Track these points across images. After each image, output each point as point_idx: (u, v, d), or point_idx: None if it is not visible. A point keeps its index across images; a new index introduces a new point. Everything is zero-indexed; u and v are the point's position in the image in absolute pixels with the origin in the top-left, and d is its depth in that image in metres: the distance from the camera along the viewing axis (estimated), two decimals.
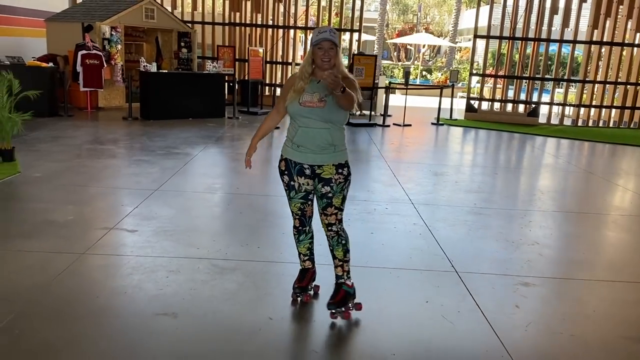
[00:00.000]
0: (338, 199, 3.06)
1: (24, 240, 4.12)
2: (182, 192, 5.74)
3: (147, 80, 10.39)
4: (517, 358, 2.82)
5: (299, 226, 3.24)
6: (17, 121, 6.35)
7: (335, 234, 3.12)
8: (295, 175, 3.06)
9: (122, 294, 3.30)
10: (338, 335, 3.04)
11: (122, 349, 2.73)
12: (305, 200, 3.13)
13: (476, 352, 2.91)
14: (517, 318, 3.31)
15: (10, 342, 2.73)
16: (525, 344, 3.02)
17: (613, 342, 3.10)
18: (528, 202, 6.21)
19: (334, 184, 3.01)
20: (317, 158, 2.98)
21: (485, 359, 2.84)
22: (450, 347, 2.94)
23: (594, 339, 3.12)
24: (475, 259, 4.26)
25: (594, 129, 12.96)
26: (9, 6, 11.68)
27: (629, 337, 3.16)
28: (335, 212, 3.08)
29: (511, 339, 3.01)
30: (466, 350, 2.93)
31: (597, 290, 3.84)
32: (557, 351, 2.96)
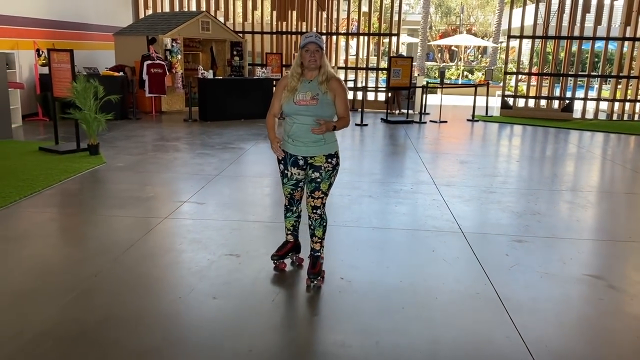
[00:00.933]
0: (325, 184, 3.47)
1: (118, 209, 5.28)
2: (238, 176, 6.82)
3: (205, 86, 11.63)
4: (496, 285, 3.69)
5: (287, 205, 3.71)
6: (101, 121, 7.61)
7: (318, 217, 3.57)
8: (289, 165, 3.48)
9: (198, 242, 4.37)
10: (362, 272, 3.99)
11: (196, 273, 3.77)
12: (295, 187, 3.57)
13: (465, 280, 3.81)
14: (504, 262, 4.17)
15: (120, 273, 3.83)
16: (507, 278, 3.88)
17: (579, 278, 3.92)
18: (541, 184, 6.96)
19: (322, 170, 3.42)
20: (310, 150, 3.39)
21: (470, 285, 3.73)
22: (444, 278, 3.84)
23: (564, 276, 3.94)
24: (481, 224, 5.12)
25: (627, 123, 13.34)
26: (84, 23, 13.19)
27: (591, 274, 3.97)
28: (321, 197, 3.50)
29: (496, 275, 3.88)
30: (458, 279, 3.82)
31: (579, 246, 4.63)
32: (530, 284, 3.81)
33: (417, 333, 3.07)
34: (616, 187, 7.07)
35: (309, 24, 14.97)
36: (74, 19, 12.78)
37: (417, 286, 3.70)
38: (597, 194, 6.51)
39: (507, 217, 5.35)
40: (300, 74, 3.36)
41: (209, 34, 13.36)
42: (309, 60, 3.29)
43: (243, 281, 3.69)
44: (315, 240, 3.67)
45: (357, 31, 15.35)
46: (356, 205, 5.59)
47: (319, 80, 3.34)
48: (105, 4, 14.41)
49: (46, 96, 11.17)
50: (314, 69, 3.34)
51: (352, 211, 5.37)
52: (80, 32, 13.06)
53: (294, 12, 14.88)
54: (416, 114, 13.42)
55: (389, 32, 14.82)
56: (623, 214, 5.83)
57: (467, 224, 5.03)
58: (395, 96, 14.05)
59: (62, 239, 4.65)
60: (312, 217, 3.58)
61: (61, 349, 2.81)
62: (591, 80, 14.28)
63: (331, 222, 4.08)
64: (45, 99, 11.19)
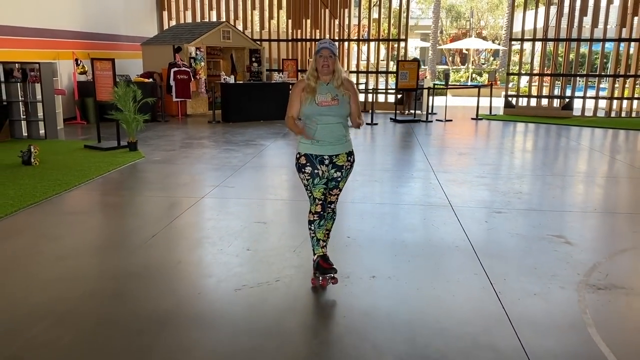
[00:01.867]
0: (344, 182, 3.70)
1: (161, 192, 6.28)
2: (261, 167, 7.80)
3: (227, 90, 12.67)
4: (473, 241, 4.60)
5: (320, 211, 3.66)
6: (140, 121, 8.66)
7: (332, 211, 3.78)
8: (317, 164, 3.55)
9: (232, 214, 5.34)
10: (365, 233, 4.91)
11: (233, 234, 4.73)
12: (326, 185, 3.62)
13: (448, 238, 4.71)
14: (482, 226, 5.07)
15: (172, 235, 4.81)
16: (482, 237, 4.78)
17: (543, 237, 4.80)
18: (528, 170, 7.83)
19: (344, 170, 3.62)
20: (336, 149, 3.55)
21: (452, 241, 4.63)
22: (431, 236, 4.76)
23: (530, 236, 4.82)
24: (468, 201, 6.02)
25: (624, 119, 14.08)
26: (115, 35, 14.33)
27: (553, 235, 4.85)
28: (338, 193, 3.73)
29: (474, 235, 4.78)
30: (442, 238, 4.73)
31: (550, 216, 5.50)
32: (501, 240, 4.71)
33: (406, 271, 4.00)
34: (595, 171, 7.90)
35: (322, 31, 15.96)
36: (106, 30, 13.93)
37: (408, 242, 4.62)
38: (576, 178, 7.37)
39: (492, 195, 6.24)
40: (317, 77, 3.53)
41: (230, 42, 14.42)
42: (322, 65, 3.48)
43: (270, 239, 4.65)
44: (325, 233, 3.81)
45: (368, 37, 16.27)
46: (364, 188, 6.53)
47: (335, 84, 3.53)
48: (133, 16, 15.54)
49: (84, 101, 12.32)
50: (328, 74, 3.53)
51: (360, 192, 6.31)
52: (112, 43, 14.19)
53: (308, 20, 15.89)
54: (424, 114, 14.30)
55: (398, 38, 15.75)
56: (595, 192, 6.68)
57: (456, 200, 5.94)
58: (404, 97, 14.96)
59: (120, 213, 5.65)
60: (326, 212, 3.74)
61: (133, 281, 3.79)
62: (589, 79, 15.01)
63: (341, 200, 4.54)
64: (83, 103, 12.34)
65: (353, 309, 3.38)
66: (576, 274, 3.95)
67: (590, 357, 2.85)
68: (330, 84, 3.53)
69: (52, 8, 11.86)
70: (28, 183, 6.42)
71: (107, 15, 14.08)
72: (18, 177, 6.76)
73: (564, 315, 3.32)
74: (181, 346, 2.91)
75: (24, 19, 10.97)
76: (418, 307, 3.44)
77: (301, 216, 4.90)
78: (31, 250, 4.40)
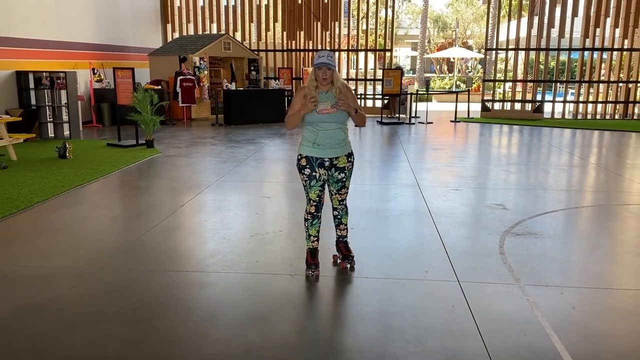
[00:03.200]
0: (349, 181, 3.98)
1: (180, 177, 7.59)
2: (262, 159, 9.13)
3: (229, 96, 14.02)
4: (431, 209, 5.94)
5: (314, 212, 3.93)
6: (156, 121, 9.98)
7: (344, 207, 4.08)
8: (316, 167, 3.79)
9: (242, 192, 6.67)
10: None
11: (244, 204, 6.05)
12: (322, 188, 3.88)
13: (411, 205, 6.06)
14: (440, 199, 6.41)
15: (192, 209, 6.14)
16: (438, 205, 6.12)
17: (487, 205, 6.15)
18: (489, 161, 9.20)
19: (347, 170, 3.89)
20: (336, 151, 3.80)
21: (414, 207, 5.98)
22: (399, 205, 6.10)
23: (476, 204, 6.17)
24: (433, 182, 7.38)
25: (588, 121, 15.54)
26: (125, 46, 15.67)
27: (494, 204, 6.21)
28: (346, 191, 4.03)
29: (432, 204, 6.12)
30: (407, 204, 6.08)
31: (497, 192, 6.86)
32: (452, 207, 6.06)
33: (376, 226, 5.34)
34: (546, 162, 9.27)
35: (315, 42, 17.37)
36: (117, 42, 15.27)
37: (380, 208, 5.97)
38: (528, 166, 8.75)
39: (454, 178, 7.61)
40: (316, 86, 3.72)
41: (230, 52, 15.79)
42: (322, 78, 3.68)
43: (273, 207, 6.00)
44: (343, 228, 4.17)
45: (357, 47, 17.70)
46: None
47: (334, 92, 3.73)
48: (140, 29, 16.89)
49: (99, 106, 13.63)
50: (327, 85, 3.73)
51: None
52: (122, 54, 15.52)
53: (301, 32, 17.30)
54: (407, 117, 15.69)
55: (384, 48, 17.17)
56: (540, 176, 8.05)
57: (423, 182, 7.30)
58: (390, 102, 16.36)
59: (152, 191, 6.94)
60: (339, 209, 4.07)
61: (172, 233, 5.11)
62: (559, 85, 16.47)
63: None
64: (99, 108, 13.65)
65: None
66: (503, 227, 5.30)
67: (498, 270, 4.18)
68: (329, 92, 3.74)
69: (71, 23, 13.19)
70: (69, 171, 7.73)
71: (118, 28, 15.43)
72: (59, 167, 8.06)
73: (486, 249, 4.67)
74: (220, 264, 4.23)
75: (47, 33, 12.29)
76: (383, 245, 4.78)
77: (296, 193, 6.25)
78: (91, 214, 5.73)
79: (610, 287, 3.93)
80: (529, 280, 3.96)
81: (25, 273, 4.05)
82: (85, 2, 13.80)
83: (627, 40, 15.57)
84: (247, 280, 3.99)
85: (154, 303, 3.58)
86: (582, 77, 15.99)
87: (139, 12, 16.77)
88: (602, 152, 10.66)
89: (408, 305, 3.57)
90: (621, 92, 15.89)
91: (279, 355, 2.92)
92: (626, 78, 15.70)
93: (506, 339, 3.10)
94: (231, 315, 3.40)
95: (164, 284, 3.90)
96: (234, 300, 3.65)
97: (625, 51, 15.66)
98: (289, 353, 2.96)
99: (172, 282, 3.92)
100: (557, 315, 3.39)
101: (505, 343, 3.05)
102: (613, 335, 3.19)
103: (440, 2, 51.81)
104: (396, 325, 3.26)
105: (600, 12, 15.34)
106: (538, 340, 3.08)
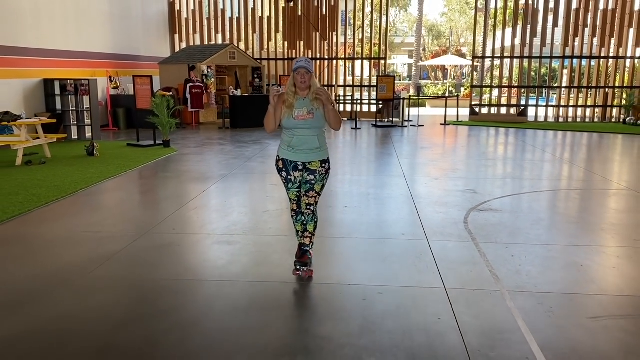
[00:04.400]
0: (319, 185, 3.99)
1: (198, 170, 8.71)
2: (268, 157, 10.25)
3: (235, 101, 15.18)
4: (413, 194, 7.06)
5: (296, 209, 4.10)
6: (172, 123, 11.12)
7: (311, 213, 4.07)
8: (291, 170, 3.95)
9: (253, 181, 7.80)
10: (339, 189, 7.38)
11: (254, 190, 7.17)
12: (299, 189, 4.02)
13: (397, 190, 7.18)
14: (422, 186, 7.53)
15: (213, 194, 7.27)
16: (419, 191, 7.24)
17: (461, 190, 7.28)
18: (469, 157, 10.34)
19: (317, 174, 3.95)
20: (309, 157, 3.92)
21: (400, 193, 7.10)
22: (387, 191, 7.23)
23: (453, 190, 7.30)
24: (416, 173, 8.50)
25: (569, 123, 16.71)
26: (137, 55, 16.84)
27: (468, 189, 7.34)
28: (315, 196, 4.01)
29: (415, 190, 7.24)
30: (393, 190, 7.20)
31: (472, 180, 7.98)
32: (430, 192, 7.18)
33: (365, 206, 6.46)
34: (521, 158, 10.40)
35: (314, 51, 18.55)
36: (130, 52, 16.44)
37: (370, 193, 7.10)
38: (504, 161, 9.90)
39: (436, 170, 8.74)
40: (294, 92, 3.84)
41: (235, 61, 16.96)
42: (300, 82, 3.78)
43: (280, 192, 7.10)
44: (307, 235, 4.15)
45: (353, 56, 18.89)
46: (349, 167, 9.01)
47: (310, 98, 3.83)
48: (150, 40, 18.06)
49: (115, 111, 14.78)
50: (305, 90, 3.84)
51: (342, 170, 8.79)
52: (134, 62, 16.69)
53: (301, 42, 18.48)
54: (400, 121, 16.85)
55: (379, 56, 18.36)
56: (513, 169, 9.18)
57: (409, 173, 8.43)
58: (384, 106, 17.52)
59: (176, 181, 8.04)
60: (306, 213, 4.08)
61: (200, 210, 6.24)
62: (541, 90, 17.65)
63: (336, 173, 7.40)
64: (115, 113, 14.79)
65: (333, 220, 5.84)
66: (470, 205, 6.44)
67: (460, 234, 5.29)
68: (307, 99, 3.85)
69: (89, 35, 14.35)
70: (100, 166, 8.85)
71: (130, 39, 16.60)
72: (90, 163, 9.19)
73: (453, 220, 5.79)
74: (241, 230, 5.35)
75: (70, 44, 13.45)
76: (371, 219, 5.90)
77: None
78: (129, 197, 6.87)
79: (545, 244, 5.05)
80: (483, 239, 5.08)
81: (89, 237, 5.17)
82: (102, 15, 14.97)
83: (604, 48, 16.76)
84: (262, 239, 5.12)
85: (190, 255, 4.71)
86: (562, 83, 17.17)
87: (149, 24, 17.95)
88: (573, 150, 11.80)
89: (387, 254, 4.70)
90: (600, 97, 17.05)
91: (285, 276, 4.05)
92: (604, 84, 16.88)
93: (458, 274, 4.22)
94: (247, 260, 4.53)
95: (198, 243, 5.03)
96: (253, 253, 4.78)
97: (602, 59, 16.85)
98: (290, 278, 4.08)
99: (205, 242, 5.05)
100: (498, 260, 4.52)
101: (456, 276, 4.17)
102: (540, 273, 4.30)
103: (435, 11, 53.22)
104: (377, 267, 4.39)
105: (579, 23, 16.55)
106: (481, 274, 4.21)
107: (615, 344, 3.16)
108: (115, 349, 3.10)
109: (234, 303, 3.71)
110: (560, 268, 4.39)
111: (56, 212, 6.10)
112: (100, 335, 3.25)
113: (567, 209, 6.54)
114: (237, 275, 4.22)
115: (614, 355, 3.04)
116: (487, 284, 4.03)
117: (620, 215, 6.11)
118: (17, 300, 3.75)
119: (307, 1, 18.27)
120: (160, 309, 3.61)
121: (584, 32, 16.74)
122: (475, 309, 3.59)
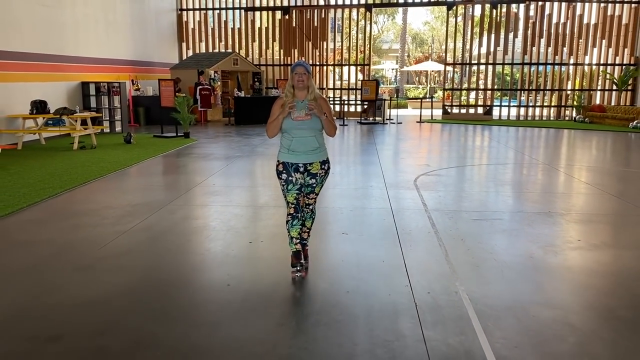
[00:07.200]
0: (319, 187, 4.13)
1: (216, 154, 11.13)
2: (271, 145, 12.70)
3: (239, 102, 17.64)
4: (386, 181, 9.53)
5: (293, 213, 4.04)
6: (192, 118, 13.55)
7: (310, 211, 4.24)
8: (292, 172, 4.00)
9: (261, 162, 10.26)
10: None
11: (261, 171, 9.61)
12: (299, 191, 4.03)
13: (373, 179, 9.66)
14: (395, 174, 10.02)
15: (225, 174, 9.73)
16: (392, 178, 9.72)
17: (404, 175, 9.76)
18: (439, 149, 12.85)
19: (318, 177, 4.07)
20: (309, 158, 4.01)
21: (375, 181, 9.58)
22: (368, 181, 9.70)
23: (417, 173, 9.78)
24: (393, 162, 10.99)
25: (528, 121, 19.31)
26: (151, 61, 19.23)
27: (422, 164, 9.84)
28: (315, 197, 4.19)
29: (388, 177, 9.72)
30: (370, 178, 9.67)
31: (434, 166, 10.47)
32: (406, 179, 9.66)
33: (342, 183, 8.93)
34: (473, 145, 12.91)
35: (307, 58, 21.03)
36: (145, 58, 18.84)
37: (358, 182, 9.57)
38: (457, 147, 12.43)
39: (403, 153, 11.23)
40: (293, 94, 3.89)
41: (238, 67, 19.41)
42: (297, 81, 3.84)
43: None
44: (305, 230, 4.23)
45: (341, 62, 21.39)
46: (338, 157, 11.50)
47: (308, 99, 3.89)
48: (162, 47, 20.45)
49: (136, 110, 17.18)
50: (303, 89, 3.89)
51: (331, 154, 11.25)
52: (149, 67, 19.09)
53: (295, 49, 20.97)
54: (382, 119, 19.37)
55: (363, 63, 20.90)
56: (465, 152, 11.68)
57: (384, 162, 10.87)
58: (368, 106, 20.02)
59: (198, 162, 10.41)
60: (305, 211, 4.15)
61: (216, 189, 8.69)
62: (505, 93, 20.27)
63: None
64: (136, 112, 17.19)
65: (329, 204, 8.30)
66: (421, 172, 8.93)
67: (408, 187, 7.77)
68: (305, 101, 3.91)
69: (115, 43, 16.74)
70: (139, 150, 11.26)
71: (146, 46, 19.00)
72: (130, 149, 11.59)
73: (406, 181, 8.27)
74: (259, 194, 7.79)
75: (100, 52, 15.84)
76: (356, 201, 8.37)
77: None
78: (177, 168, 9.29)
79: (461, 190, 7.53)
80: (424, 190, 7.58)
81: (157, 187, 7.58)
82: (125, 26, 17.36)
83: (557, 56, 19.39)
84: (275, 202, 7.58)
85: (233, 197, 7.18)
86: (522, 86, 19.78)
87: (161, 33, 20.35)
88: (518, 140, 14.32)
89: (356, 205, 7.18)
90: (555, 98, 19.68)
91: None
92: (558, 87, 19.51)
93: (401, 203, 6.70)
94: (266, 217, 7.01)
95: (233, 190, 7.48)
96: (268, 211, 7.23)
97: (556, 65, 19.49)
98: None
99: (237, 190, 7.50)
100: (434, 202, 6.98)
101: (399, 204, 6.65)
102: (462, 209, 6.78)
103: (418, 20, 56.23)
104: (350, 214, 6.88)
105: (535, 34, 19.18)
106: (416, 202, 6.71)
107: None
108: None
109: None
110: (468, 200, 6.90)
111: (127, 174, 8.52)
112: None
113: (498, 176, 9.06)
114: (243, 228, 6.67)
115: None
116: (419, 207, 6.52)
117: (519, 176, 8.64)
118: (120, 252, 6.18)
119: (301, 14, 20.77)
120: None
121: (540, 42, 19.35)
122: (408, 219, 6.08)
